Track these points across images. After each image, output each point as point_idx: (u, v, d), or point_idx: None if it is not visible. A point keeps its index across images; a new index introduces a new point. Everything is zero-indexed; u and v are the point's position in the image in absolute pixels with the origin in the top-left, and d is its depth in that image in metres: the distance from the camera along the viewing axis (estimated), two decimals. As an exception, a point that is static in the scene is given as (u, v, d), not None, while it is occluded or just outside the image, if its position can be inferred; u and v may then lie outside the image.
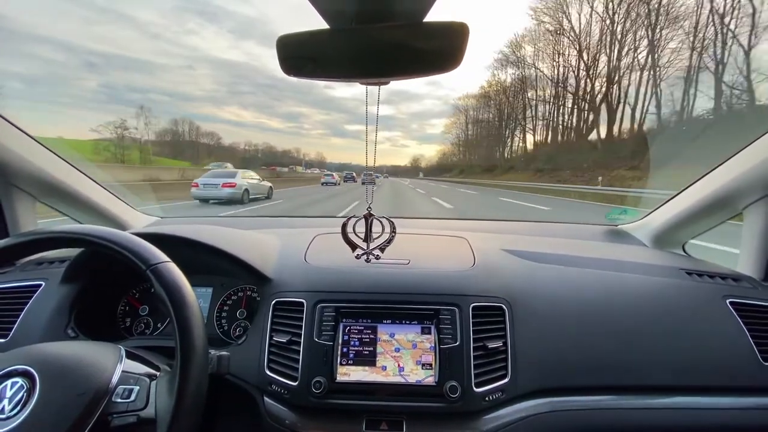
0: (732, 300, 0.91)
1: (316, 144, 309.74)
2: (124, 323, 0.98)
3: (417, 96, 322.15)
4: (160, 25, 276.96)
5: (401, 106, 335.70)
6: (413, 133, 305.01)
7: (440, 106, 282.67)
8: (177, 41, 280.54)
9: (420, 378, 0.77)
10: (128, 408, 0.55)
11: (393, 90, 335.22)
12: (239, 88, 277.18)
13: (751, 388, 0.83)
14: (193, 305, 0.59)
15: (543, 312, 0.87)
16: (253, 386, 0.81)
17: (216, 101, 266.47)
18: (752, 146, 0.98)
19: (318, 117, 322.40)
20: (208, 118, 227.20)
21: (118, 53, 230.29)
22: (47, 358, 0.56)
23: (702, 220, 1.17)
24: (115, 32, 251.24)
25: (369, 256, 0.88)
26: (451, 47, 0.58)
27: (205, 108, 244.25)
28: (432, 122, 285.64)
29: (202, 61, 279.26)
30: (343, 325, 0.82)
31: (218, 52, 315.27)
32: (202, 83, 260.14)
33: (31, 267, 1.03)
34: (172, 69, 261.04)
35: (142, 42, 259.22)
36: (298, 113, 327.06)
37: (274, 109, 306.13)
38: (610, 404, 0.81)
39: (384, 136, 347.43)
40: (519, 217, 8.27)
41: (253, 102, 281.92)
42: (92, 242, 0.63)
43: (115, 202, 1.34)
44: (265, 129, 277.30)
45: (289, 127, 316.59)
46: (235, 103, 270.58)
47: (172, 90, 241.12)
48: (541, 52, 45.92)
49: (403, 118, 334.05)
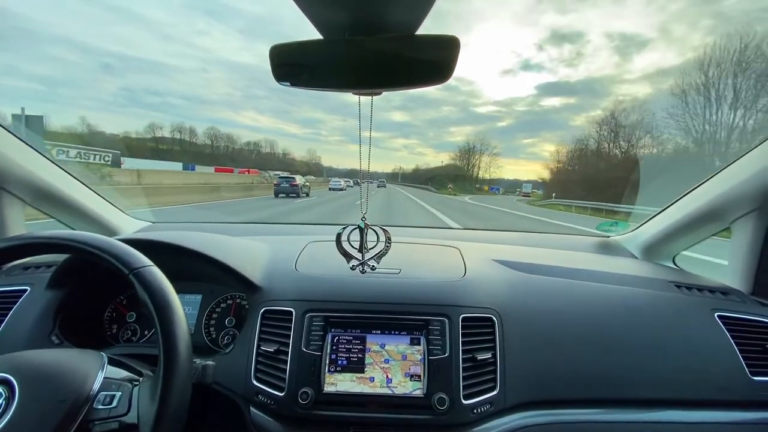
0: (720, 313, 0.91)
1: (335, 150, 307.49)
2: (110, 330, 0.97)
3: (434, 102, 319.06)
4: (170, 25, 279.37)
5: (417, 112, 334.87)
6: (430, 141, 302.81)
7: (458, 113, 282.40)
8: (189, 42, 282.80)
9: (407, 391, 0.76)
10: (110, 414, 0.54)
11: (409, 96, 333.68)
12: (254, 91, 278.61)
13: (739, 402, 0.83)
14: (177, 309, 0.59)
15: (533, 324, 0.87)
16: (240, 396, 0.80)
17: (232, 105, 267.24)
18: (741, 161, 1.00)
19: (335, 123, 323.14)
20: (225, 123, 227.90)
21: (132, 55, 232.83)
22: (27, 365, 0.55)
23: (691, 233, 1.19)
24: (127, 32, 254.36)
25: (364, 267, 0.88)
26: (442, 60, 0.59)
27: (221, 112, 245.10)
28: (450, 130, 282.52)
29: (215, 63, 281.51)
30: (331, 335, 0.81)
31: (230, 53, 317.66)
32: (216, 87, 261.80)
33: (17, 272, 1.01)
34: (186, 71, 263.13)
35: (155, 43, 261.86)
36: (315, 119, 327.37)
37: (291, 114, 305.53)
38: (599, 418, 0.80)
39: (401, 144, 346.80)
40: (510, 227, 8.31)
41: (270, 107, 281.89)
42: (75, 248, 0.63)
43: (107, 207, 1.33)
44: (283, 134, 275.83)
45: (306, 133, 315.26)
46: (251, 108, 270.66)
47: (189, 93, 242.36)
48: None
49: (420, 126, 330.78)
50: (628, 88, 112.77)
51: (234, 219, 8.34)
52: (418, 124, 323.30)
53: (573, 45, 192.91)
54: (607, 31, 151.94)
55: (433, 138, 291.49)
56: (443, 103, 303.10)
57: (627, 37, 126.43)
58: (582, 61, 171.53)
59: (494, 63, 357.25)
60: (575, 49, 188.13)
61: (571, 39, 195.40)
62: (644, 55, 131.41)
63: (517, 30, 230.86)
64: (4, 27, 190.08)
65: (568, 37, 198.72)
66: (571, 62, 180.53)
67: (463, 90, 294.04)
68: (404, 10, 0.54)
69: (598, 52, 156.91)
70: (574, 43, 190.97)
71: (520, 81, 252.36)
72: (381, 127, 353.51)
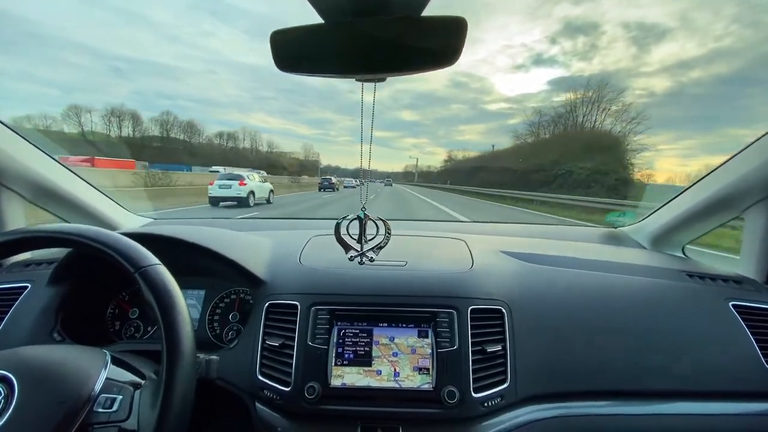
0: (735, 303, 0.89)
1: (344, 151, 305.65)
2: (113, 326, 0.96)
3: (443, 100, 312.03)
4: (176, 27, 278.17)
5: (426, 111, 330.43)
6: (440, 140, 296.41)
7: (468, 111, 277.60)
8: (195, 44, 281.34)
9: (415, 385, 0.75)
10: (110, 419, 0.52)
11: (417, 93, 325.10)
12: (262, 93, 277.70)
13: (756, 393, 0.81)
14: (183, 311, 0.57)
15: (543, 315, 0.85)
16: (245, 391, 0.79)
17: (242, 107, 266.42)
18: (752, 147, 0.97)
19: (344, 123, 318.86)
20: (236, 125, 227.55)
21: (140, 57, 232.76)
22: (28, 363, 0.54)
23: (702, 222, 1.16)
24: (134, 35, 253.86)
25: (362, 258, 0.86)
26: (449, 42, 0.57)
27: (231, 114, 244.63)
28: (460, 128, 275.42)
29: (222, 65, 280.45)
30: (337, 328, 0.80)
31: (237, 55, 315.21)
32: (225, 88, 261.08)
33: (18, 268, 1.00)
34: (195, 74, 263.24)
35: (162, 45, 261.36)
36: (324, 119, 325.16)
37: (299, 115, 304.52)
38: (612, 411, 0.79)
39: (410, 143, 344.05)
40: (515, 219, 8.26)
41: (278, 108, 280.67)
42: (79, 242, 0.61)
43: (107, 203, 1.32)
44: (293, 135, 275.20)
45: (315, 133, 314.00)
46: (260, 110, 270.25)
47: (198, 96, 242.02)
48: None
49: (429, 125, 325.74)
50: (646, 82, 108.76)
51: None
52: (428, 123, 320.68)
53: (587, 37, 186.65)
54: (624, 21, 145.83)
55: (442, 137, 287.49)
56: (453, 101, 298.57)
57: (646, 27, 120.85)
58: (597, 53, 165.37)
59: (505, 58, 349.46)
60: (589, 41, 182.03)
61: (585, 30, 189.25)
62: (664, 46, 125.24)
63: (529, 23, 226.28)
64: (14, 32, 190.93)
65: (583, 28, 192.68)
66: (585, 55, 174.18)
67: (473, 87, 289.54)
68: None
69: (613, 44, 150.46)
70: (589, 35, 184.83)
71: (532, 76, 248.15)
72: (390, 126, 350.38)
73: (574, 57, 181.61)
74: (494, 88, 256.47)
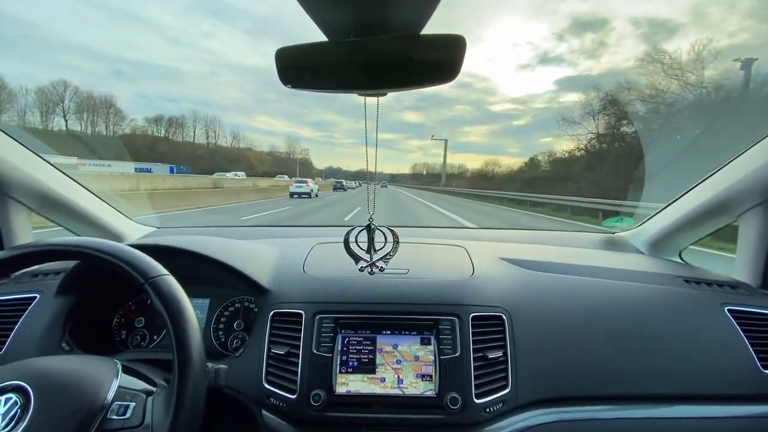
0: (730, 308, 0.91)
1: (348, 153, 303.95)
2: (119, 336, 0.97)
3: (447, 101, 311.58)
4: (176, 28, 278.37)
5: (430, 112, 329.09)
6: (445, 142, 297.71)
7: (472, 112, 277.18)
8: (196, 45, 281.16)
9: (418, 391, 0.76)
10: (123, 425, 0.53)
11: (421, 95, 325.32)
12: (265, 95, 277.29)
13: (751, 396, 0.83)
14: (192, 320, 0.59)
15: (543, 321, 0.87)
16: (251, 399, 0.80)
17: (245, 110, 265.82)
18: (748, 153, 0.99)
19: (348, 125, 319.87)
20: (241, 128, 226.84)
21: (142, 60, 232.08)
22: (42, 373, 0.55)
23: (698, 228, 1.18)
24: (134, 37, 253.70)
25: (372, 268, 0.87)
26: (449, 59, 0.59)
27: (236, 117, 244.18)
28: (465, 130, 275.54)
29: (224, 67, 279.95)
30: (341, 336, 0.81)
31: (238, 57, 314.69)
32: (227, 91, 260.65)
33: (26, 279, 1.02)
34: (196, 76, 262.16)
35: (163, 47, 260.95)
36: (328, 121, 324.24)
37: (303, 117, 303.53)
38: (611, 415, 0.80)
39: (415, 145, 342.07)
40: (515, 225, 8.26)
41: (282, 110, 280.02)
42: (89, 255, 0.63)
43: (112, 213, 1.33)
44: (297, 138, 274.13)
45: (319, 136, 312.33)
46: (263, 112, 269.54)
47: (201, 98, 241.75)
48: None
49: (434, 126, 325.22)
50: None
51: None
52: (432, 125, 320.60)
53: (595, 34, 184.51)
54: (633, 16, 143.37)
55: (447, 139, 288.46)
56: (457, 102, 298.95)
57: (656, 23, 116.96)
58: (605, 51, 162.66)
59: (510, 57, 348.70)
60: (597, 39, 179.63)
61: (593, 27, 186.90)
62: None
63: (535, 21, 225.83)
64: (15, 35, 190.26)
65: (590, 25, 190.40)
66: (592, 53, 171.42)
67: (478, 87, 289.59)
68: (409, 10, 0.54)
69: (623, 41, 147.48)
70: (597, 31, 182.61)
71: (538, 76, 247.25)
72: (394, 128, 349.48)
73: (582, 55, 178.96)
74: (499, 89, 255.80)
